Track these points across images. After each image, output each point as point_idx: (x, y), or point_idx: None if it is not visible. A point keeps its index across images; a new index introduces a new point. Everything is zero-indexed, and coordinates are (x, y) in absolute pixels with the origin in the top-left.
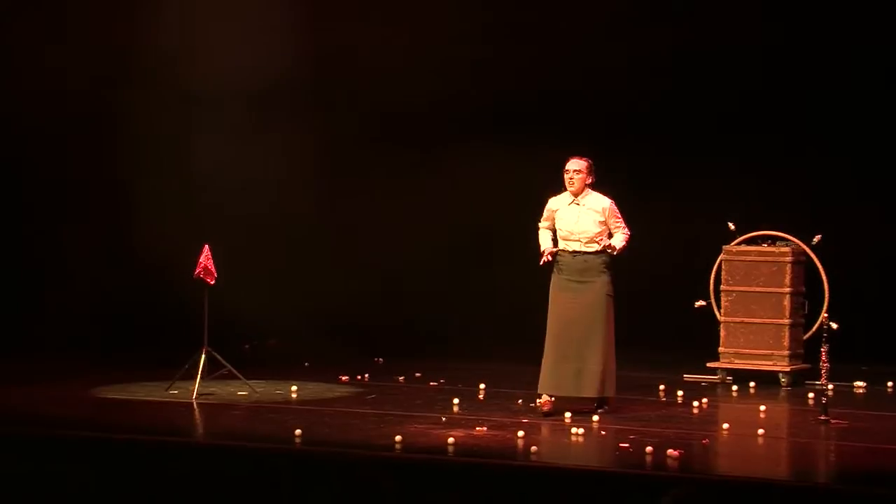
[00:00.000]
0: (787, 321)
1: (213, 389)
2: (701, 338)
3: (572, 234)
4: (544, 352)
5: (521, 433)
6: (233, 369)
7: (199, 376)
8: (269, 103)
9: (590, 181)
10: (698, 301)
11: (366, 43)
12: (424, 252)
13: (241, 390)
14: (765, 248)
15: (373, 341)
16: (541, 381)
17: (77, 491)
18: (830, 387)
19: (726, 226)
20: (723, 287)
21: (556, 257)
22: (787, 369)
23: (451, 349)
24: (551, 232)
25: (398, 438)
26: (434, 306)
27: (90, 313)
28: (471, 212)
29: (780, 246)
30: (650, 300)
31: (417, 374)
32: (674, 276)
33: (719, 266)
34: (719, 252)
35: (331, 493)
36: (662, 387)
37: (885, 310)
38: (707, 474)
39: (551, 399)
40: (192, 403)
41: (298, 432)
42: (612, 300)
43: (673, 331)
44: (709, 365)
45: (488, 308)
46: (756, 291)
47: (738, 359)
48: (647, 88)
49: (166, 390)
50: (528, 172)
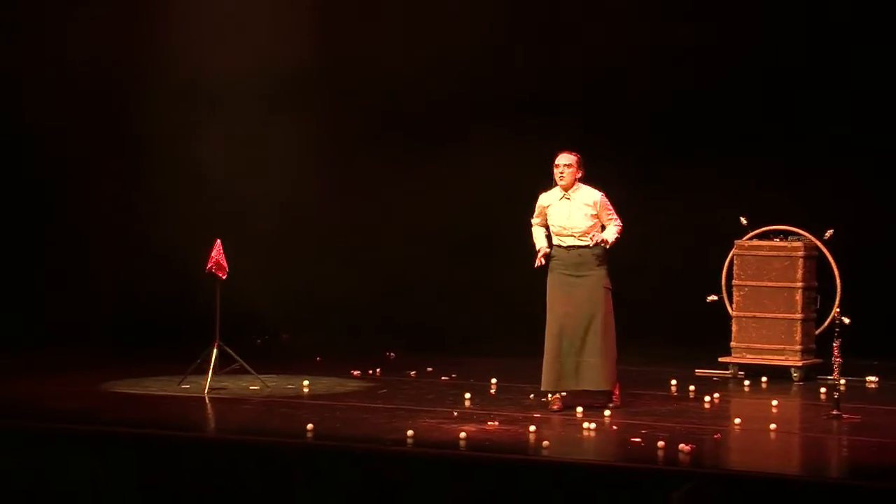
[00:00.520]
0: (799, 316)
1: (225, 384)
2: (713, 333)
3: (565, 229)
4: (545, 348)
5: (532, 428)
6: (245, 364)
7: (211, 371)
8: (279, 98)
9: (580, 175)
10: (710, 296)
11: (370, 39)
12: (436, 245)
13: (253, 385)
14: (777, 242)
15: (384, 336)
16: (543, 379)
17: (89, 485)
18: (842, 382)
19: (738, 220)
20: (735, 282)
21: (551, 253)
22: (799, 364)
23: (463, 344)
24: (544, 228)
25: (410, 433)
26: (445, 300)
27: (104, 307)
28: (483, 204)
29: (792, 241)
30: (662, 295)
31: (429, 369)
32: (685, 271)
33: (731, 261)
34: (731, 247)
35: (342, 487)
36: (674, 382)
37: None
38: (719, 469)
39: (561, 397)
40: (204, 398)
41: (310, 427)
42: (609, 293)
43: (685, 325)
44: (721, 360)
45: (501, 302)
46: (768, 286)
47: (750, 353)
48: (659, 82)
49: (178, 385)
50: (537, 165)
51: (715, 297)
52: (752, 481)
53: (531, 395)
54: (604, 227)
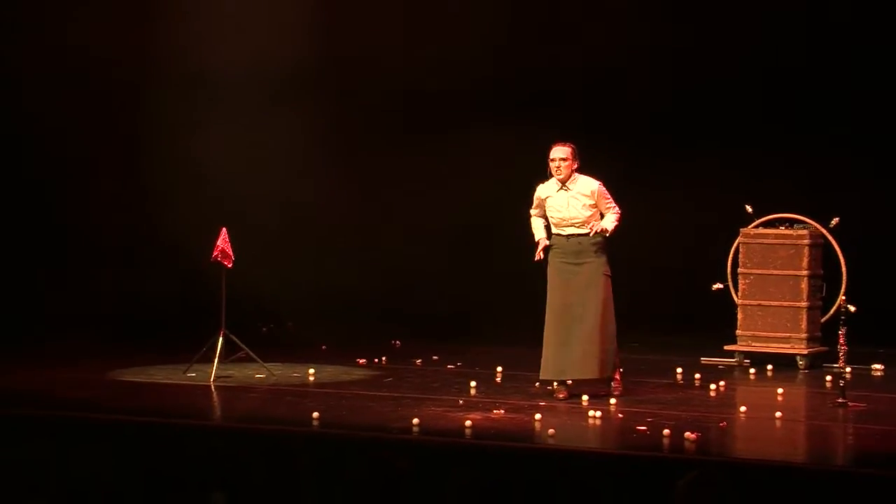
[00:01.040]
0: (804, 304)
1: (230, 372)
2: (718, 321)
3: (564, 220)
4: (544, 336)
5: (538, 416)
6: (250, 352)
7: (216, 359)
8: (281, 94)
9: (575, 166)
10: (716, 284)
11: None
12: (440, 234)
13: (259, 373)
14: (782, 230)
15: (390, 324)
16: (543, 367)
17: (95, 473)
18: (848, 369)
19: (744, 208)
20: (740, 270)
21: (551, 242)
22: (805, 352)
23: (469, 332)
24: (543, 219)
25: (416, 421)
26: (450, 288)
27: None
28: (486, 195)
29: (797, 229)
30: (667, 283)
31: (435, 357)
32: (691, 259)
33: (737, 249)
34: (737, 235)
35: (348, 475)
36: (680, 370)
37: None
38: (724, 457)
39: (566, 385)
40: (209, 386)
41: (316, 415)
42: (609, 280)
43: (690, 314)
44: (726, 348)
45: (506, 290)
46: (774, 274)
47: (756, 342)
48: (663, 74)
49: (184, 373)
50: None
51: (720, 286)
52: (757, 469)
53: (536, 384)
54: (603, 216)
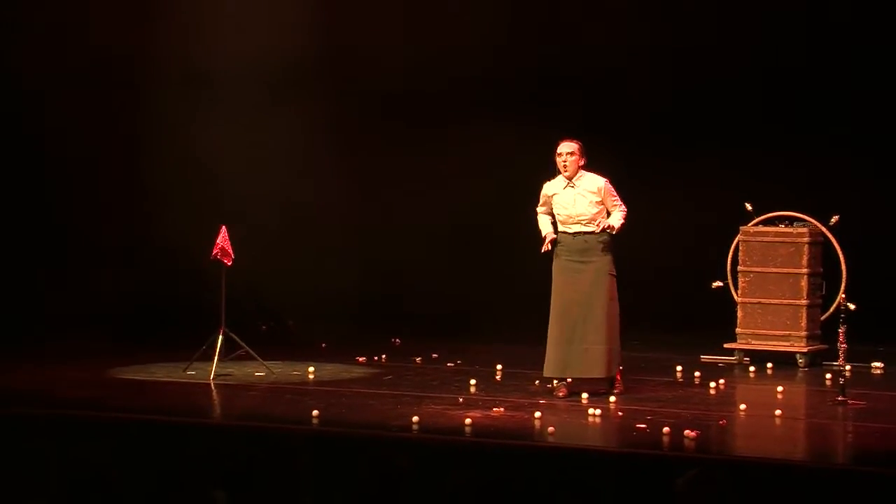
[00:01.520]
0: (804, 302)
1: (230, 370)
2: (718, 318)
3: (571, 217)
4: (548, 334)
5: (538, 414)
6: (250, 350)
7: (216, 357)
8: (281, 89)
9: (582, 162)
10: (715, 282)
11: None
12: (440, 233)
13: (259, 371)
14: (782, 228)
15: (388, 322)
16: (546, 364)
17: (95, 471)
18: (848, 367)
19: (744, 206)
20: (740, 268)
21: (557, 239)
22: (805, 350)
23: (469, 330)
24: (550, 216)
25: (415, 419)
26: (451, 287)
27: (110, 294)
28: (488, 192)
29: (797, 227)
30: (667, 281)
31: (434, 355)
32: (691, 257)
33: (737, 247)
34: (737, 233)
35: (348, 473)
36: (679, 368)
37: None
38: (724, 455)
39: (566, 383)
40: (209, 384)
41: (316, 413)
42: (614, 279)
43: (690, 312)
44: (726, 346)
45: (506, 288)
46: (773, 272)
47: (756, 340)
48: (663, 74)
49: (184, 371)
50: (539, 152)
51: (720, 284)
52: (757, 467)
53: (536, 382)
54: (609, 214)
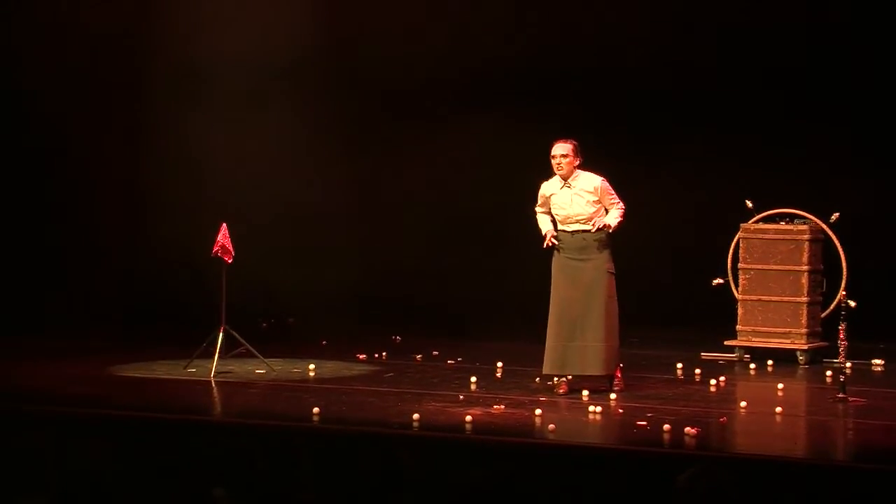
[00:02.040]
0: (804, 299)
1: (231, 367)
2: (718, 316)
3: (568, 217)
4: (548, 331)
5: (538, 411)
6: (251, 347)
7: (217, 354)
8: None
9: (577, 162)
10: (716, 279)
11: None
12: (441, 229)
13: (259, 368)
14: (783, 226)
15: (388, 319)
16: (545, 362)
17: (95, 468)
18: (848, 365)
19: (745, 204)
20: (740, 265)
21: (557, 237)
22: (805, 347)
23: (469, 328)
24: (549, 216)
25: (416, 416)
26: (452, 284)
27: (111, 291)
28: (490, 188)
29: (797, 224)
30: (668, 278)
31: (435, 353)
32: (691, 254)
33: (737, 244)
34: (737, 230)
35: (348, 470)
36: (680, 365)
37: None
38: (724, 452)
39: (567, 380)
40: (210, 381)
41: (316, 410)
42: (613, 277)
43: (690, 309)
44: (726, 343)
45: (506, 286)
46: (774, 269)
47: (756, 337)
48: (662, 74)
49: (184, 368)
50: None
51: (721, 281)
52: (757, 464)
53: (537, 379)
54: (607, 212)
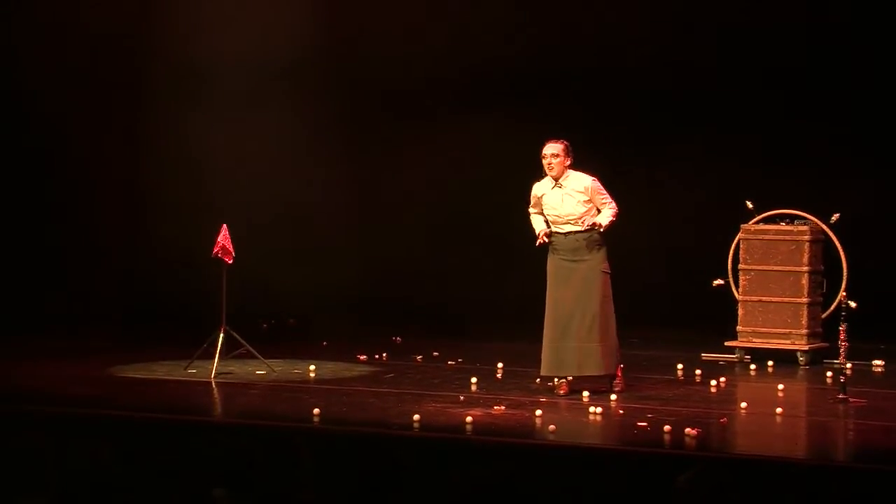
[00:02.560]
0: (805, 300)
1: (231, 368)
2: (719, 317)
3: (560, 217)
4: (544, 333)
5: (538, 412)
6: (251, 348)
7: (217, 355)
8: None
9: (568, 163)
10: (716, 280)
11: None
12: (441, 229)
13: (260, 369)
14: (783, 226)
15: (390, 320)
16: (543, 363)
17: (95, 468)
18: (849, 365)
19: (745, 204)
20: (741, 266)
21: (551, 238)
22: (806, 348)
23: (470, 328)
24: (542, 216)
25: (416, 417)
26: (451, 285)
27: (111, 291)
28: (489, 188)
29: (798, 225)
30: (668, 279)
31: (435, 354)
32: (691, 255)
33: (737, 245)
34: (737, 231)
35: (349, 471)
36: (680, 366)
37: None
38: (725, 453)
39: (567, 380)
40: (210, 382)
41: (317, 411)
42: (608, 277)
43: (691, 310)
44: (727, 344)
45: (506, 286)
46: (774, 270)
47: (756, 338)
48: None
49: (185, 369)
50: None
51: (721, 282)
52: (757, 465)
53: (537, 380)
54: (599, 212)
